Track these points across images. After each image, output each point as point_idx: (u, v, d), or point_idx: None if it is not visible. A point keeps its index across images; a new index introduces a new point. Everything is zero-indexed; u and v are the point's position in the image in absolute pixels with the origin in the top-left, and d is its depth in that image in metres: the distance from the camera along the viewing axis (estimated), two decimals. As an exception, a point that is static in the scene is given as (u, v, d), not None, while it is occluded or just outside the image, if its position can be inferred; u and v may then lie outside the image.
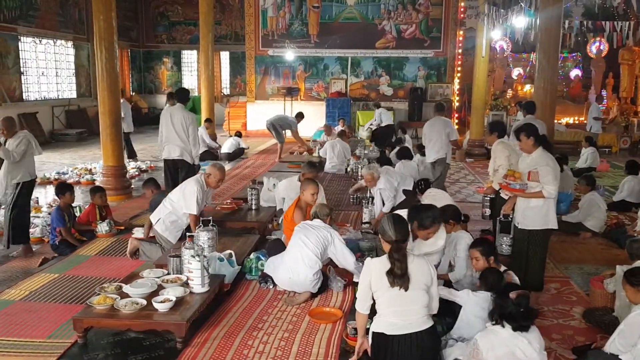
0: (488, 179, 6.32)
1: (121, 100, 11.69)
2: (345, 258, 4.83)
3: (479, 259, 4.19)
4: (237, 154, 12.99)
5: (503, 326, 3.27)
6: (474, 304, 3.87)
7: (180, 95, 7.86)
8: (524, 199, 4.90)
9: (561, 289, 5.15)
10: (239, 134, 13.87)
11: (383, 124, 13.77)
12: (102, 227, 6.46)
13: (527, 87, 16.88)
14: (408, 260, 3.35)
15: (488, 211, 6.33)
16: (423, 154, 9.84)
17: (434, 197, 5.83)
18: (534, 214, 4.86)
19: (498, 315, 3.33)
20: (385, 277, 3.33)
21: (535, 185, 4.78)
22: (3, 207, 6.03)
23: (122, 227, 6.69)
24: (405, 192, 6.93)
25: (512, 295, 3.48)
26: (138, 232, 6.29)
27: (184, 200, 5.66)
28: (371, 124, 14.36)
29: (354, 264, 4.81)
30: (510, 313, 3.27)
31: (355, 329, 3.76)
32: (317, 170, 6.83)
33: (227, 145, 13.05)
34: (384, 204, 6.76)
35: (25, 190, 6.00)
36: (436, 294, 3.49)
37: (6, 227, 6.01)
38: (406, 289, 3.31)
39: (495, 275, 3.97)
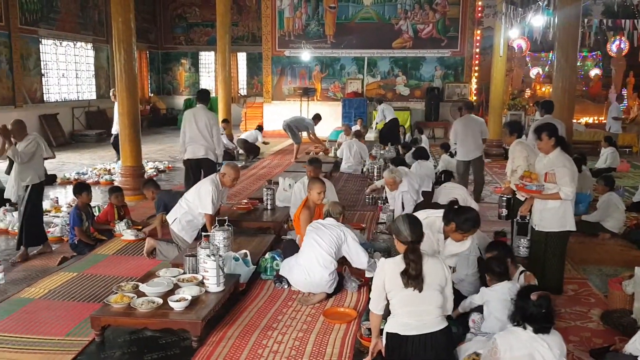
0: (505, 179, 6.27)
1: (115, 102, 11.85)
2: (358, 256, 4.83)
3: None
4: (253, 148, 13.00)
5: (525, 328, 3.23)
6: (495, 300, 3.85)
7: (202, 96, 7.94)
8: (541, 200, 4.85)
9: (579, 290, 5.10)
10: (259, 128, 13.86)
11: (387, 120, 13.66)
12: (120, 227, 6.53)
13: (546, 87, 16.71)
14: (423, 261, 3.34)
15: (505, 212, 6.27)
16: (450, 154, 9.82)
17: (450, 192, 5.82)
18: (551, 215, 4.81)
19: (519, 316, 3.30)
20: (399, 277, 3.33)
21: (552, 186, 4.73)
22: (19, 207, 6.05)
23: (140, 227, 6.76)
24: (424, 193, 6.91)
25: (533, 296, 3.45)
26: (127, 235, 6.40)
27: (199, 200, 5.71)
28: (376, 123, 14.31)
29: (367, 262, 4.81)
30: (532, 314, 3.22)
31: (370, 330, 3.76)
32: (319, 165, 6.83)
33: (246, 134, 13.20)
34: (403, 207, 6.74)
35: (34, 192, 5.98)
36: (450, 294, 3.48)
37: (19, 229, 6.04)
38: (420, 290, 3.30)
39: (497, 261, 3.99)
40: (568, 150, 4.96)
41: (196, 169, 7.65)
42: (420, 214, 4.32)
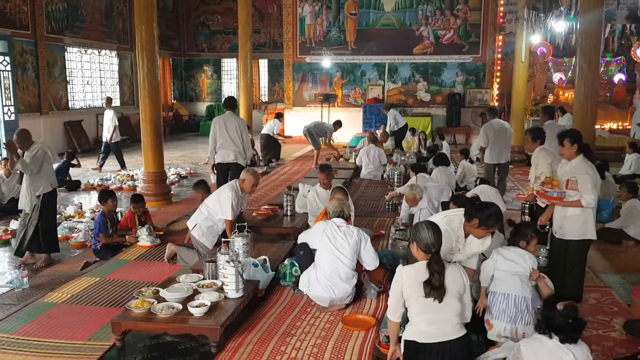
0: (528, 186, 6.21)
1: (107, 110, 12.09)
2: (373, 260, 4.83)
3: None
4: (274, 145, 13.02)
5: (550, 337, 3.20)
6: (503, 261, 3.99)
7: (229, 103, 8.24)
8: (561, 207, 4.79)
9: (601, 299, 5.02)
10: (279, 116, 13.89)
11: (401, 125, 13.63)
12: (142, 232, 6.61)
13: (569, 92, 16.50)
14: (447, 271, 3.33)
15: (527, 219, 6.22)
16: (470, 160, 9.76)
17: (482, 192, 5.78)
18: (572, 223, 4.74)
19: (545, 326, 3.26)
20: (417, 284, 3.32)
21: (574, 194, 4.67)
22: (30, 216, 5.98)
23: (161, 233, 6.83)
24: (443, 204, 6.89)
25: (560, 306, 3.41)
26: (144, 240, 6.48)
27: (219, 206, 5.77)
28: (390, 130, 14.19)
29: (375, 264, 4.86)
30: (558, 324, 3.19)
31: (388, 337, 3.75)
32: (330, 172, 6.89)
33: (266, 127, 13.36)
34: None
35: (48, 200, 6.00)
36: (469, 302, 3.47)
37: (26, 236, 5.96)
38: (440, 301, 3.29)
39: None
40: (591, 157, 4.90)
41: (227, 173, 7.82)
42: (439, 215, 4.29)
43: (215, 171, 8.03)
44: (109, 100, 12.50)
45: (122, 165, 12.41)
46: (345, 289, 4.65)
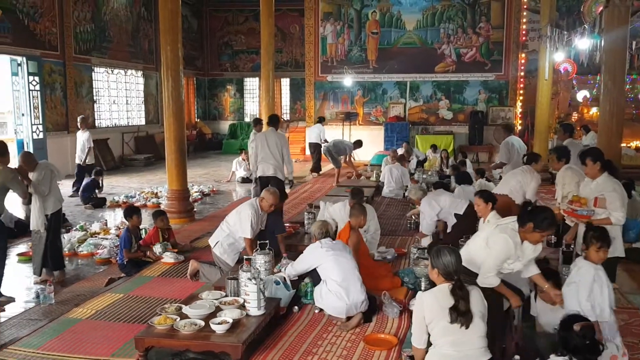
0: (555, 205, 6.13)
1: (80, 132, 11.50)
2: None
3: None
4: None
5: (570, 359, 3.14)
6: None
7: (272, 120, 8.78)
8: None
9: (629, 320, 4.91)
10: (321, 120, 13.86)
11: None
12: (156, 249, 6.69)
13: (594, 110, 16.32)
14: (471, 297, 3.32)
15: (554, 238, 6.13)
16: (486, 179, 9.71)
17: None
18: None
19: (563, 348, 3.20)
20: (438, 309, 3.28)
21: (602, 211, 4.63)
22: (39, 235, 6.01)
23: (175, 250, 6.88)
24: (456, 215, 6.87)
25: (576, 327, 3.35)
26: (167, 257, 6.52)
27: (239, 224, 5.81)
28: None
29: None
30: (576, 346, 3.13)
31: (410, 357, 3.71)
32: (361, 197, 6.95)
33: (312, 136, 13.45)
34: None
35: (55, 219, 6.07)
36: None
37: (39, 255, 6.06)
38: (467, 327, 3.24)
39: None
40: (616, 175, 4.85)
41: (266, 186, 7.88)
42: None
43: (256, 184, 8.62)
44: (83, 120, 11.88)
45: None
46: (359, 292, 4.68)
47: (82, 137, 11.50)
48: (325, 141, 13.55)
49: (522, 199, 6.39)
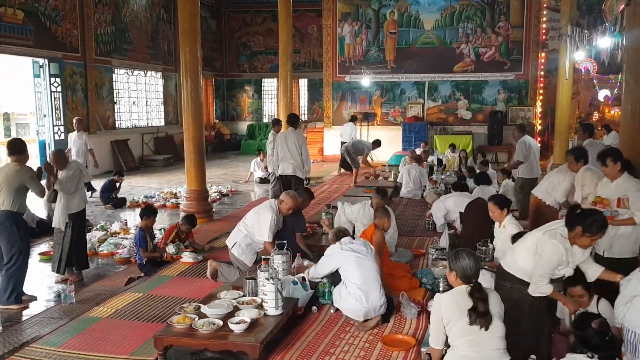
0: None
1: (78, 133, 10.83)
2: None
3: (584, 296, 4.00)
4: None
5: (591, 357, 3.12)
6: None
7: (291, 120, 9.04)
8: (612, 226, 4.67)
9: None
10: (353, 119, 13.80)
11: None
12: (170, 250, 6.75)
13: (615, 110, 16.07)
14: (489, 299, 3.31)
15: None
16: (512, 179, 9.65)
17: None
18: (624, 241, 4.67)
19: (583, 346, 3.18)
20: (457, 309, 3.29)
21: (624, 212, 4.58)
22: (63, 233, 6.09)
23: (189, 250, 6.94)
24: (461, 215, 6.86)
25: (594, 324, 3.32)
26: (186, 257, 6.55)
27: (258, 226, 5.82)
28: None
29: None
30: (596, 344, 3.12)
31: (429, 354, 3.72)
32: (387, 197, 6.98)
33: (345, 136, 13.42)
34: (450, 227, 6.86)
35: (79, 218, 6.15)
36: None
37: (63, 254, 6.09)
38: (487, 329, 3.24)
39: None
40: (635, 174, 4.79)
41: (287, 184, 8.64)
42: (538, 230, 4.14)
43: (275, 183, 8.97)
44: (79, 122, 11.23)
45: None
46: (378, 295, 4.65)
47: (80, 140, 10.86)
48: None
49: (553, 199, 6.34)
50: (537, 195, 6.50)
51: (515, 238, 4.55)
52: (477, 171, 10.19)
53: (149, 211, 6.81)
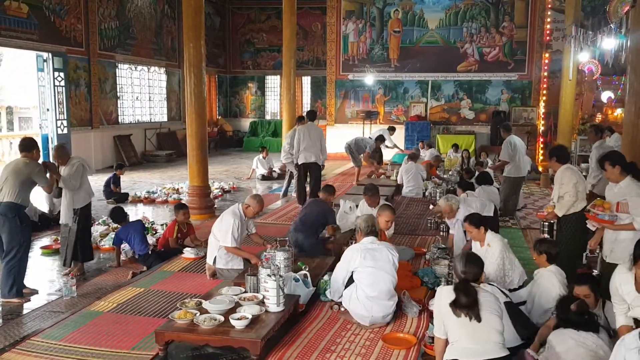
0: (549, 204, 6.03)
1: None
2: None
3: (589, 296, 3.99)
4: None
5: (577, 331, 3.55)
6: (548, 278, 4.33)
7: (310, 115, 9.99)
8: (612, 231, 4.66)
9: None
10: (391, 129, 14.11)
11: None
12: (188, 253, 6.73)
13: (618, 111, 16.05)
14: (479, 295, 3.37)
15: (547, 237, 6.04)
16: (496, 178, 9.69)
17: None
18: (624, 247, 4.59)
19: (566, 327, 3.59)
20: (446, 304, 3.41)
21: (625, 216, 4.54)
22: (69, 227, 6.14)
23: (193, 245, 6.94)
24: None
25: (573, 307, 3.66)
26: (188, 252, 6.56)
27: (222, 232, 5.74)
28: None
29: None
30: (578, 322, 3.52)
31: (432, 338, 3.83)
32: (376, 193, 6.97)
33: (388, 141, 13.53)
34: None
35: (85, 212, 6.21)
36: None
37: (69, 247, 6.15)
38: (478, 320, 3.30)
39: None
40: (639, 178, 4.75)
41: (306, 171, 9.55)
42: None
43: (295, 171, 9.84)
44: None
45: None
46: (387, 307, 4.61)
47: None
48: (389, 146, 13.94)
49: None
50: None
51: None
52: (476, 173, 10.14)
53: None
